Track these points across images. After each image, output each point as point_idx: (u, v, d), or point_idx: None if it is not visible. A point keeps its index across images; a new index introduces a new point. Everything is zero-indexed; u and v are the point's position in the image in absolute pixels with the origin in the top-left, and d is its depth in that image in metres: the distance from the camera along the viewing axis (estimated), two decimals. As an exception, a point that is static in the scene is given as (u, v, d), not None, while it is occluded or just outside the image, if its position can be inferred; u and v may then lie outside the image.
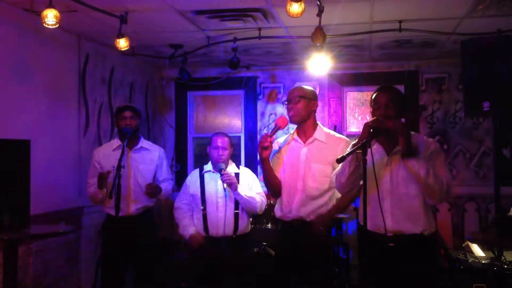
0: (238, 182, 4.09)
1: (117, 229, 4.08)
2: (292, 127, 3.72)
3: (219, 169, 4.06)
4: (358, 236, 3.36)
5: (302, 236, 3.47)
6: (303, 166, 3.49)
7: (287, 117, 3.55)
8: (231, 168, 4.23)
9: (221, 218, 4.07)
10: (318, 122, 3.63)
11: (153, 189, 4.22)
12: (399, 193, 2.96)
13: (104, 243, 4.36)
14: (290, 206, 3.50)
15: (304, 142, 3.55)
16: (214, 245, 4.09)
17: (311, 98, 3.56)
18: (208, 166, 4.27)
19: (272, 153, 3.57)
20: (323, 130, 3.58)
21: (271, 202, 4.88)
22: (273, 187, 3.61)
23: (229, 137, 4.27)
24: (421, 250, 2.96)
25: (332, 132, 3.63)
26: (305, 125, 3.56)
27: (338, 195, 3.46)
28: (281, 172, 3.60)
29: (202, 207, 4.13)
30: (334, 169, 3.36)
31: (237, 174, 4.19)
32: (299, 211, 3.47)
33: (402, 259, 2.94)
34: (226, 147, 4.15)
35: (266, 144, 3.39)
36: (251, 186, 4.17)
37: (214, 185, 4.15)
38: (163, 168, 4.45)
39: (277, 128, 3.48)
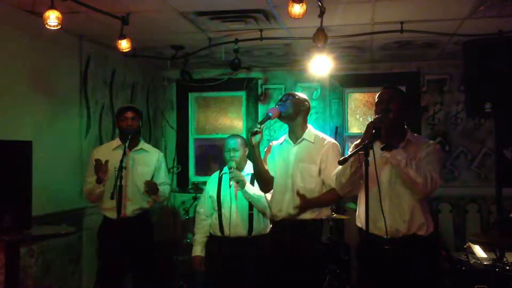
0: (253, 183, 4.09)
1: (115, 232, 4.06)
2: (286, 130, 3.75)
3: (228, 167, 4.09)
4: (358, 237, 3.35)
5: (293, 234, 3.50)
6: (292, 165, 3.54)
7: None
8: (248, 169, 4.22)
9: (235, 219, 4.09)
10: (309, 124, 3.69)
11: (151, 186, 4.17)
12: (397, 192, 2.96)
13: (101, 246, 4.33)
14: (281, 204, 3.55)
15: (294, 143, 3.61)
16: (228, 246, 4.12)
17: (300, 99, 3.62)
18: (226, 168, 4.30)
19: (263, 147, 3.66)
20: (312, 132, 3.64)
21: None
22: (262, 178, 3.64)
23: (242, 137, 4.27)
24: (418, 251, 2.96)
25: (321, 134, 3.68)
26: (294, 125, 3.62)
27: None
28: (275, 173, 3.64)
29: (217, 208, 4.17)
30: (320, 168, 3.47)
31: (253, 175, 4.19)
32: (289, 209, 3.50)
33: (399, 261, 2.94)
34: (238, 148, 4.17)
35: (255, 129, 3.41)
36: None
37: (229, 186, 4.17)
38: (161, 171, 4.41)
39: (267, 117, 3.48)
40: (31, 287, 4.16)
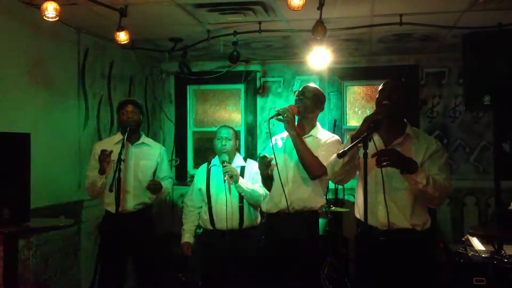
0: (243, 176, 4.11)
1: (116, 227, 4.05)
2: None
3: (221, 161, 4.09)
4: (357, 229, 3.36)
5: (290, 226, 3.52)
6: (294, 157, 3.54)
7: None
8: (237, 161, 4.25)
9: (226, 212, 4.10)
10: (317, 122, 3.72)
11: (155, 186, 4.17)
12: (393, 187, 2.95)
13: (102, 241, 4.32)
14: (281, 196, 3.54)
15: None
16: (220, 238, 4.14)
17: (321, 101, 3.69)
18: (215, 160, 4.31)
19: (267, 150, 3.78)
20: (319, 130, 3.68)
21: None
22: (269, 184, 3.72)
23: (234, 129, 4.30)
24: (414, 245, 2.96)
25: (327, 131, 3.72)
26: (305, 121, 3.64)
27: (323, 187, 3.66)
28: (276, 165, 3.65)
29: (207, 201, 4.17)
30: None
31: (242, 167, 4.21)
32: (288, 199, 3.50)
33: (395, 253, 2.94)
34: (230, 138, 4.19)
35: (265, 161, 3.58)
36: (256, 180, 4.18)
37: (219, 178, 4.16)
38: (163, 165, 4.39)
39: (284, 112, 3.49)
40: (29, 279, 4.16)
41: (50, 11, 3.48)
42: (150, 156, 4.32)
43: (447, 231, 6.04)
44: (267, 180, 3.69)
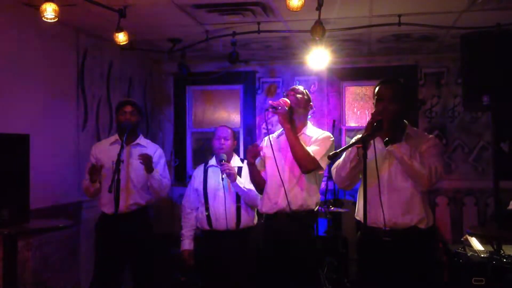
0: (241, 176, 4.12)
1: (112, 227, 4.03)
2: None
3: (219, 160, 4.09)
4: (356, 231, 3.36)
5: (288, 227, 3.52)
6: (290, 155, 3.53)
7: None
8: (235, 161, 4.27)
9: (223, 212, 4.11)
10: (308, 121, 3.72)
11: (145, 159, 4.06)
12: (397, 187, 2.97)
13: (99, 241, 4.31)
14: (277, 197, 3.54)
15: None
16: (218, 239, 4.15)
17: (310, 99, 3.70)
18: (212, 161, 4.33)
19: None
20: (311, 128, 3.69)
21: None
22: (259, 185, 3.72)
23: (232, 129, 4.31)
24: (417, 243, 2.97)
25: (318, 129, 3.73)
26: (296, 118, 3.63)
27: (318, 184, 3.64)
28: (270, 166, 3.64)
29: (204, 202, 4.18)
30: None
31: (240, 168, 4.22)
32: (285, 200, 3.49)
33: (399, 253, 2.95)
34: (228, 138, 4.21)
35: (255, 150, 3.56)
36: None
37: (216, 179, 4.17)
38: (159, 165, 4.33)
39: (278, 105, 3.51)
40: (29, 280, 4.16)
41: (49, 12, 3.47)
42: None
43: (447, 231, 6.04)
44: (252, 169, 3.64)
